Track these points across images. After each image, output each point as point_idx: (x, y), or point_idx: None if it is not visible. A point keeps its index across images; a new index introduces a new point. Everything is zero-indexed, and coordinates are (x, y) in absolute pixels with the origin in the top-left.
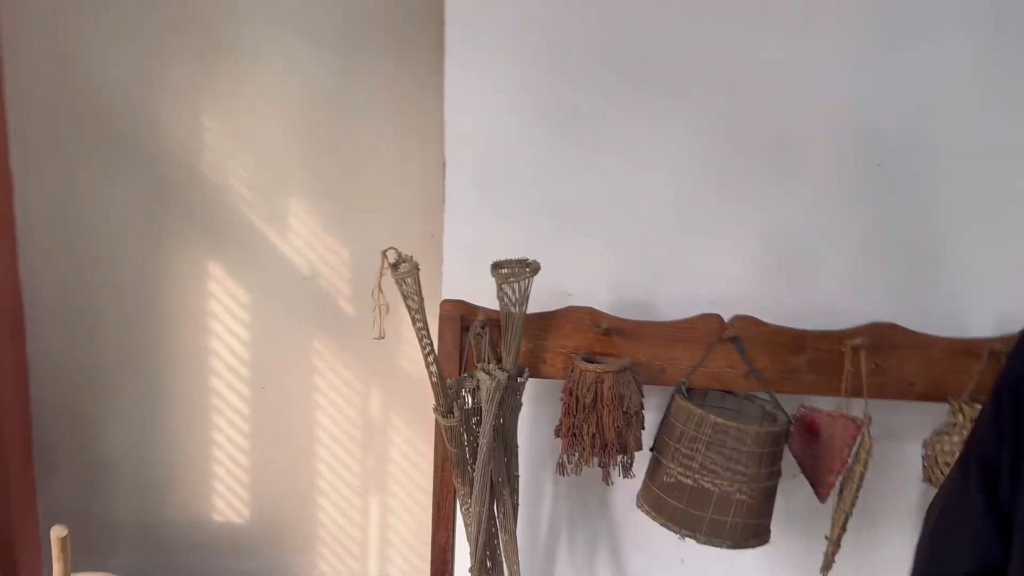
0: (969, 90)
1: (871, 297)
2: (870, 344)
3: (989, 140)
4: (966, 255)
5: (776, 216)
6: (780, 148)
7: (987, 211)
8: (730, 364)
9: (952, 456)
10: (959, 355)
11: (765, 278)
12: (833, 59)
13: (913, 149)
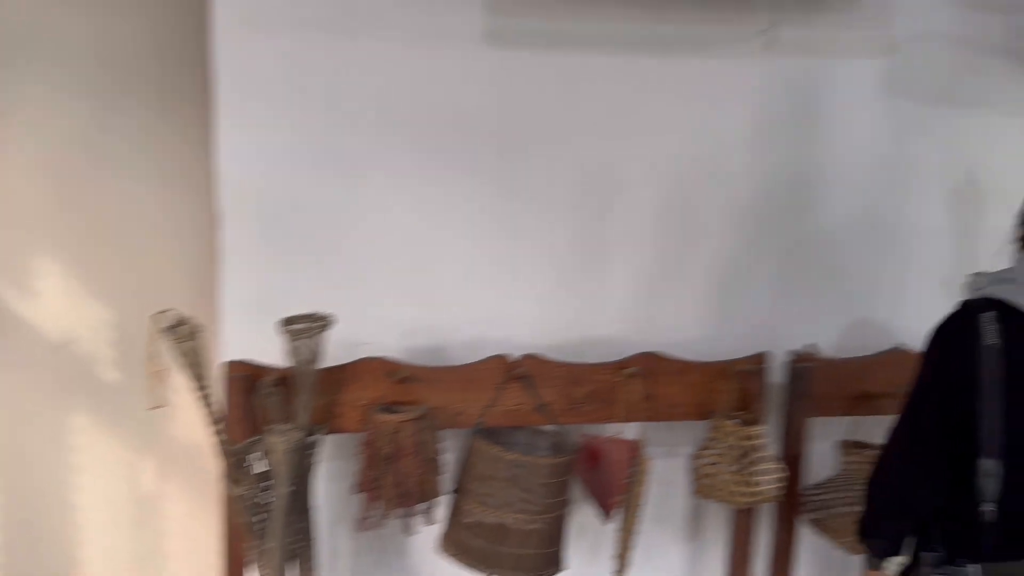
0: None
1: (641, 328)
2: (641, 372)
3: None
4: (720, 287)
5: (560, 259)
6: (558, 195)
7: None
8: (521, 401)
9: (713, 467)
10: (715, 377)
11: (550, 317)
12: (602, 117)
13: (697, 186)
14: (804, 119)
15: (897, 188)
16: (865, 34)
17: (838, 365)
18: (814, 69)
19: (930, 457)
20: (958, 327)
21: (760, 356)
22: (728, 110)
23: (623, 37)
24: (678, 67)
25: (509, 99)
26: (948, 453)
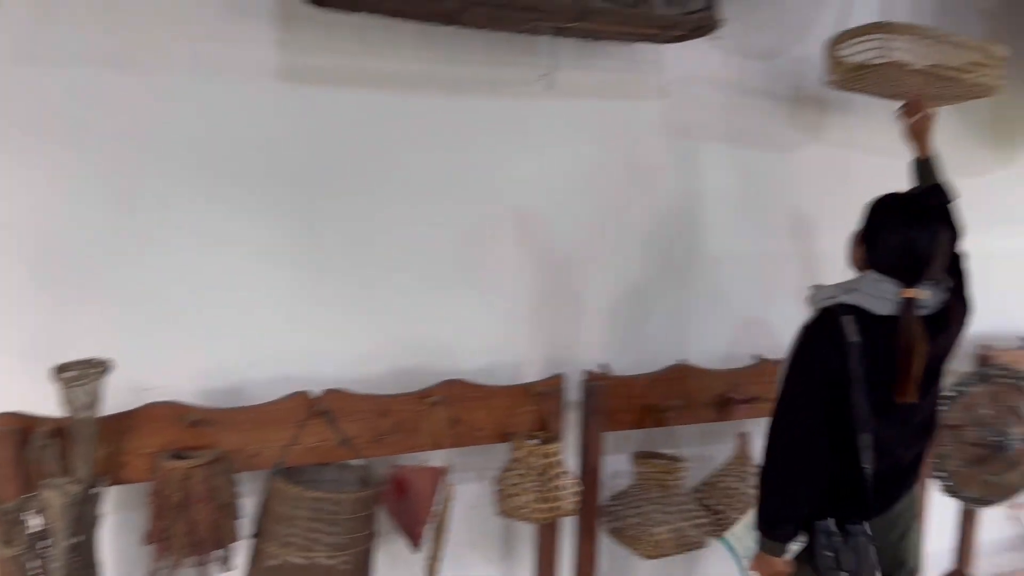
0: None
1: (442, 355)
2: (445, 400)
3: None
4: (515, 314)
5: (362, 293)
6: (357, 229)
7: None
8: (323, 437)
9: (514, 486)
10: (513, 399)
11: (355, 351)
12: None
13: (491, 218)
14: (587, 155)
15: (678, 218)
16: (640, 78)
17: (627, 382)
18: (598, 109)
19: (817, 442)
20: (826, 329)
21: (557, 377)
22: (513, 146)
23: (417, 76)
24: (468, 105)
25: (304, 135)
26: (828, 435)
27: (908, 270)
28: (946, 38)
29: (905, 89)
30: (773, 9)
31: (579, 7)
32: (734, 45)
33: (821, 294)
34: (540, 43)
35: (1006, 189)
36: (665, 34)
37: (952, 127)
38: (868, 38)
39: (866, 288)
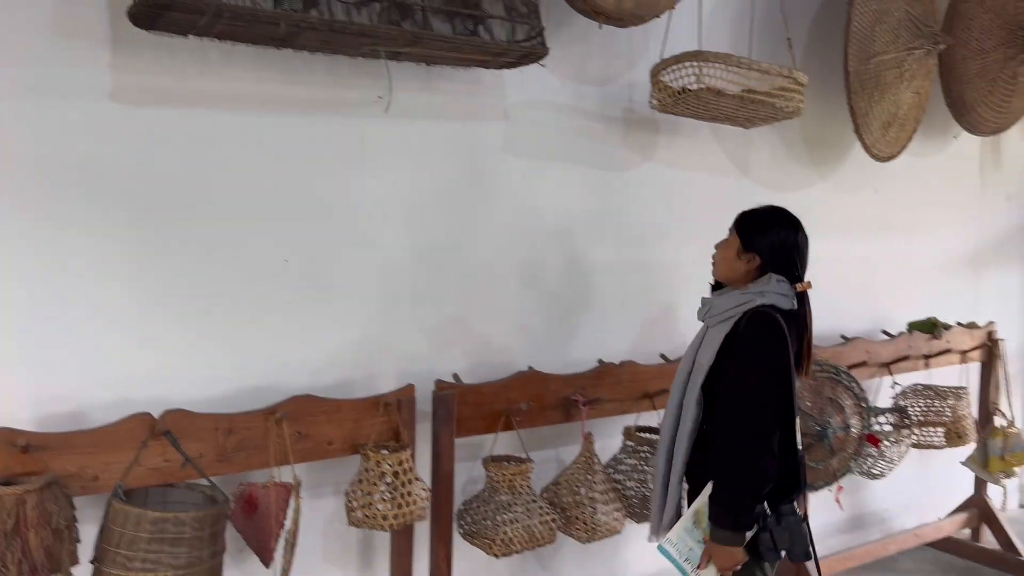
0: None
1: (293, 372)
2: (292, 416)
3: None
4: (369, 328)
5: (207, 312)
6: (198, 249)
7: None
8: (166, 458)
9: (366, 496)
10: (363, 412)
11: (201, 370)
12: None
13: (333, 236)
14: (433, 173)
15: (523, 233)
16: (483, 101)
17: (477, 389)
18: (441, 130)
19: (776, 432)
20: (775, 328)
21: (408, 387)
22: (356, 165)
23: (255, 97)
24: (308, 125)
25: (142, 155)
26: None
27: (797, 267)
28: (755, 66)
29: (721, 112)
30: (605, 38)
31: (411, 34)
32: (570, 71)
33: (729, 302)
34: (381, 65)
35: (822, 200)
36: (497, 60)
37: (771, 146)
38: (686, 65)
39: (773, 289)
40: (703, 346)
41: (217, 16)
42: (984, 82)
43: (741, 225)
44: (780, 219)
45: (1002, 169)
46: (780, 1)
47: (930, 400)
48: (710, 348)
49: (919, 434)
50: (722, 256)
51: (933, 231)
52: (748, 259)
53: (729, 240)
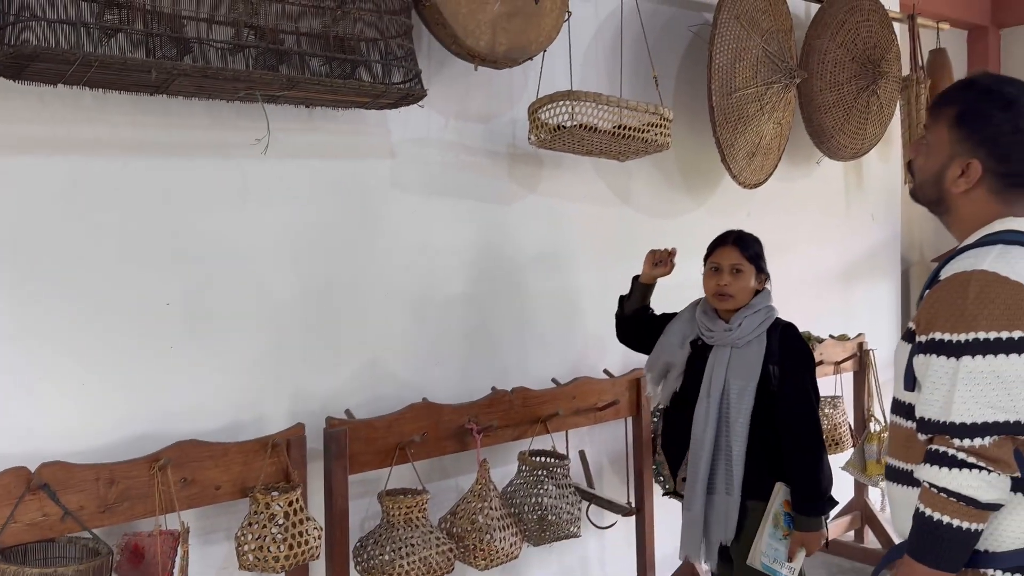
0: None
1: (178, 418)
2: (175, 462)
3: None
4: (256, 369)
5: (87, 362)
6: (78, 297)
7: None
8: (45, 512)
9: (257, 539)
10: (251, 454)
11: (82, 422)
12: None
13: (218, 278)
14: (322, 212)
15: (409, 267)
16: (367, 140)
17: (369, 424)
18: (327, 168)
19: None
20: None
21: (298, 426)
22: (237, 207)
23: (133, 142)
24: (187, 168)
25: (12, 205)
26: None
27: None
28: (624, 103)
29: (596, 147)
30: (486, 77)
31: (287, 78)
32: (454, 109)
33: (755, 322)
34: (261, 108)
35: (700, 226)
36: (376, 102)
37: (649, 177)
38: (560, 104)
39: (771, 300)
40: (734, 367)
41: (86, 66)
42: (840, 111)
43: (752, 255)
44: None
45: (864, 191)
46: (646, 42)
47: None
48: (749, 366)
49: None
50: (742, 286)
51: (805, 251)
52: (761, 281)
53: (744, 270)
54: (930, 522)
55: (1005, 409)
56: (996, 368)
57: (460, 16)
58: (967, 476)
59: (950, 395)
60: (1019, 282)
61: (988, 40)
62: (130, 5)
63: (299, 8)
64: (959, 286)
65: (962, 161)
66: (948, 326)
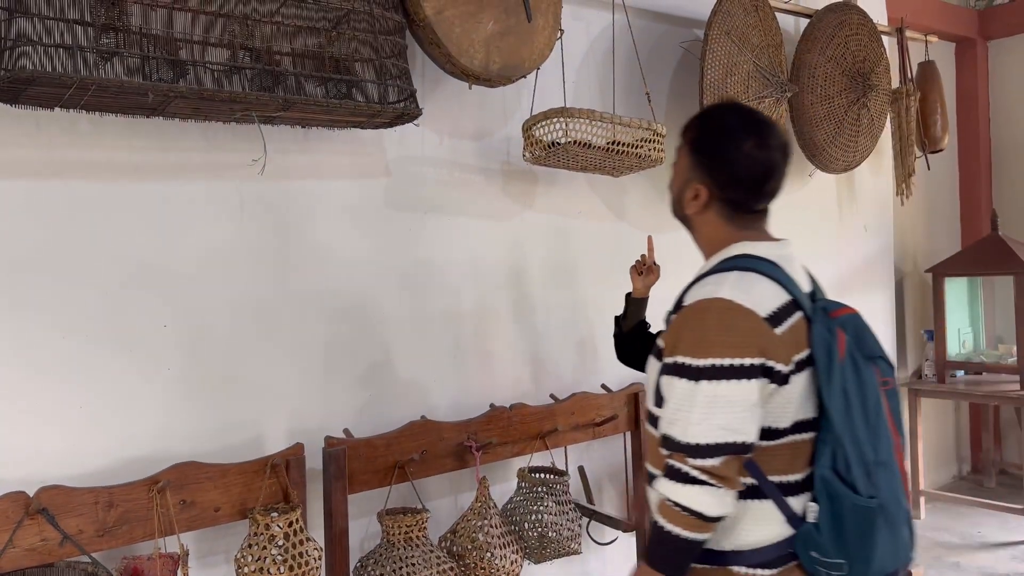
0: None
1: (176, 439)
2: (174, 484)
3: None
4: (255, 390)
5: (81, 384)
6: (72, 320)
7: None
8: (43, 537)
9: (257, 561)
10: (251, 475)
11: (78, 446)
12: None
13: (210, 297)
14: (319, 232)
15: (407, 285)
16: (364, 159)
17: (368, 443)
18: (323, 188)
19: None
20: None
21: (297, 446)
22: (232, 227)
23: (127, 165)
24: (183, 190)
25: (7, 230)
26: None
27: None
28: (617, 120)
29: (590, 163)
30: (480, 95)
31: (283, 99)
32: (448, 127)
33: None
34: (257, 129)
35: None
36: (372, 121)
37: (643, 192)
38: (553, 121)
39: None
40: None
41: (83, 89)
42: (831, 124)
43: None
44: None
45: (857, 202)
46: (638, 58)
47: None
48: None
49: None
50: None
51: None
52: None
53: None
54: (661, 531)
55: (735, 431)
56: (728, 393)
57: (454, 36)
58: (698, 492)
59: (688, 416)
60: (753, 310)
61: (976, 52)
62: (126, 29)
63: (294, 29)
64: (700, 313)
65: (695, 186)
66: (689, 351)
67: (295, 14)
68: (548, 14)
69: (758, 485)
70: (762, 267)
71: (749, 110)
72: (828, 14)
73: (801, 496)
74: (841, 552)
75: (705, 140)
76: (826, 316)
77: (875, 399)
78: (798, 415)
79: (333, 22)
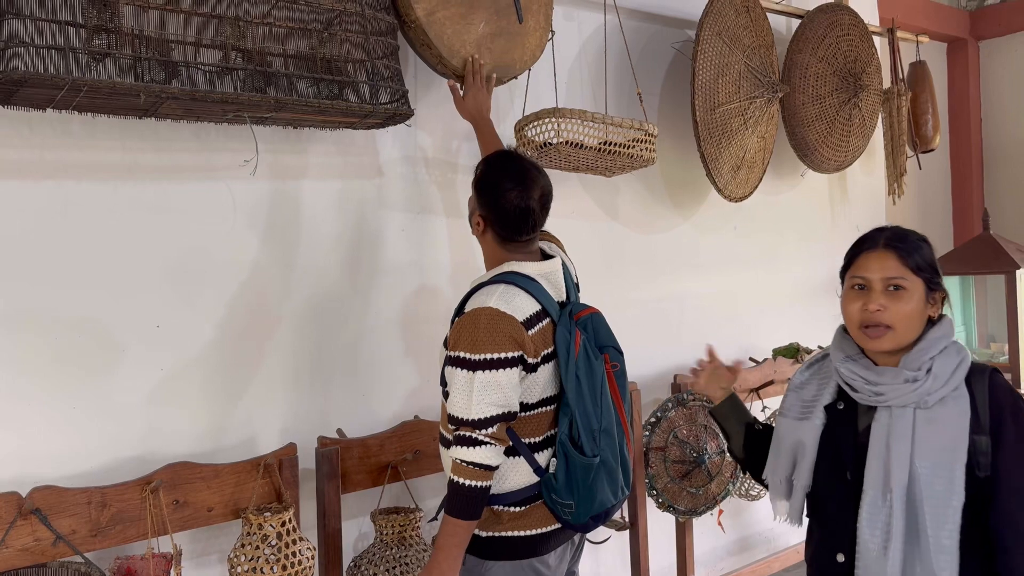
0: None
1: (169, 439)
2: (167, 484)
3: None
4: (247, 390)
5: (65, 387)
6: (59, 320)
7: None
8: (36, 537)
9: (250, 561)
10: (243, 475)
11: (70, 446)
12: None
13: (200, 299)
14: (312, 232)
15: (401, 283)
16: (356, 159)
17: (361, 443)
18: (316, 189)
19: None
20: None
21: (290, 446)
22: (227, 228)
23: (121, 166)
24: (175, 191)
25: (5, 231)
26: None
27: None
28: (609, 120)
29: (583, 163)
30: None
31: (275, 100)
32: (439, 127)
33: (946, 368)
34: (248, 130)
35: (687, 240)
36: (364, 122)
37: (636, 192)
38: (545, 121)
39: (952, 333)
40: (924, 440)
41: (75, 91)
42: (823, 124)
43: (920, 264)
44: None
45: (849, 202)
46: (629, 59)
47: None
48: (951, 437)
49: None
50: (906, 312)
51: (791, 262)
52: (936, 303)
53: (907, 287)
54: (460, 486)
55: (503, 405)
56: (497, 378)
57: (445, 37)
58: (483, 451)
59: (469, 398)
60: (513, 316)
61: (968, 52)
62: (118, 30)
63: (286, 30)
64: (474, 318)
65: (477, 215)
66: (467, 348)
67: (287, 16)
68: (539, 15)
69: (514, 446)
70: (522, 282)
71: (521, 164)
72: (819, 15)
73: (544, 452)
74: (571, 495)
75: (483, 183)
76: (569, 319)
77: (601, 382)
78: (544, 393)
79: (325, 23)
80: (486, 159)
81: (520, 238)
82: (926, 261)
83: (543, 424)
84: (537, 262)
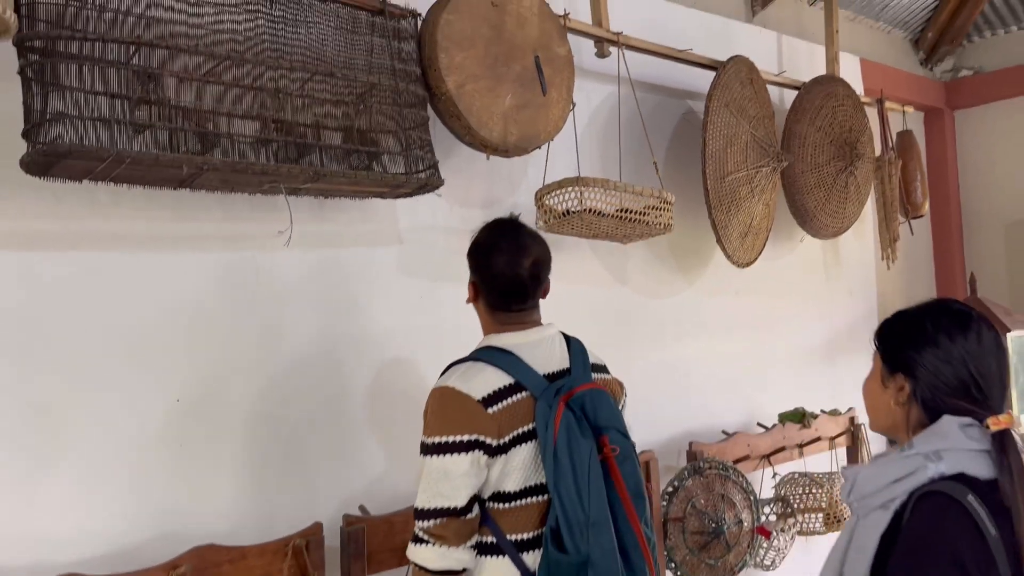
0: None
1: (191, 519)
2: (194, 569)
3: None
4: (267, 465)
5: (91, 469)
6: (73, 395)
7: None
8: None
9: None
10: (271, 556)
11: (94, 529)
12: None
13: (222, 375)
14: (334, 301)
15: (420, 352)
16: (377, 228)
17: (387, 520)
18: (339, 258)
19: None
20: (964, 522)
21: (316, 526)
22: (254, 298)
23: (147, 236)
24: (199, 261)
25: (21, 303)
26: None
27: (982, 391)
28: (628, 188)
29: (602, 231)
30: (488, 165)
31: (314, 171)
32: (458, 196)
33: (882, 476)
34: (272, 200)
35: (691, 305)
36: (394, 192)
37: (643, 258)
38: (568, 189)
39: (957, 443)
40: (850, 552)
41: (117, 162)
42: (822, 192)
43: (884, 331)
44: (935, 316)
45: (842, 267)
46: (644, 129)
47: (807, 487)
48: (858, 560)
49: (801, 521)
50: (865, 388)
51: (790, 326)
52: (897, 389)
53: (874, 358)
54: None
55: (447, 497)
56: (445, 465)
57: (475, 109)
58: (423, 550)
59: (421, 486)
60: (469, 394)
61: (944, 121)
62: (160, 102)
63: (321, 102)
64: (431, 399)
65: (471, 282)
66: (425, 431)
67: (322, 88)
68: (562, 88)
69: (497, 542)
70: (493, 357)
71: (515, 231)
72: (816, 86)
73: (535, 552)
74: None
75: (474, 252)
76: (552, 394)
77: (590, 467)
78: (528, 481)
79: (359, 95)
80: (484, 227)
81: (511, 308)
82: (890, 329)
83: (532, 518)
84: (521, 331)
